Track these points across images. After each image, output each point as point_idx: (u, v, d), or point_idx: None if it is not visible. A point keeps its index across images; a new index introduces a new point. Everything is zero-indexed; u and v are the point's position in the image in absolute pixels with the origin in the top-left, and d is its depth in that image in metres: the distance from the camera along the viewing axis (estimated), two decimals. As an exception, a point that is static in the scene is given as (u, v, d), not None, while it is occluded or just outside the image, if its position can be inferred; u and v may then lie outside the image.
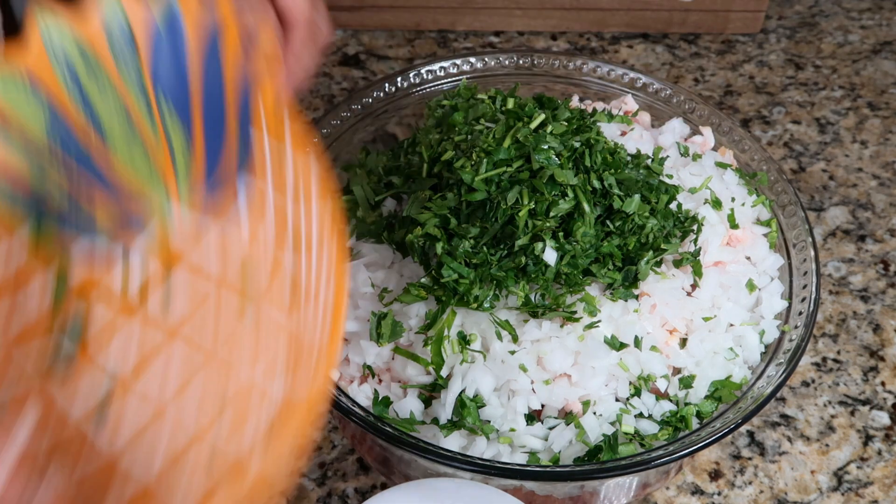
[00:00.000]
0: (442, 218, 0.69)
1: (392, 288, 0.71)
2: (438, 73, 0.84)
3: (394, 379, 0.69)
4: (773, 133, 1.05)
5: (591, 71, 0.86)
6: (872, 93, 1.10)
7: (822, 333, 0.89)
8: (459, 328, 0.68)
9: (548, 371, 0.67)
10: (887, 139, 1.06)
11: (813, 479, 0.79)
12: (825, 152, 1.04)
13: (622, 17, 1.14)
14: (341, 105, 0.82)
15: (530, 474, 0.63)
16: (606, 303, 0.69)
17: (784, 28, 1.18)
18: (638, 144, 0.79)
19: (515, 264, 0.68)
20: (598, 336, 0.68)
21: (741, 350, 0.72)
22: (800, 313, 0.72)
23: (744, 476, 0.79)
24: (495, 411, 0.66)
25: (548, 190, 0.68)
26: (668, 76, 1.11)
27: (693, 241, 0.74)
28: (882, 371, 0.86)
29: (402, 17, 1.14)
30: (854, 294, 0.92)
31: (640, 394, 0.69)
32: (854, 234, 0.96)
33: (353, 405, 0.65)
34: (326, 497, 0.76)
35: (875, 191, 1.00)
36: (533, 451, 0.67)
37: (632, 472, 0.64)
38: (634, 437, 0.67)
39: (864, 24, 1.19)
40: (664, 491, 0.77)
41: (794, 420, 0.82)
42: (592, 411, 0.67)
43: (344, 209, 0.77)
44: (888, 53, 1.16)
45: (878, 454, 0.81)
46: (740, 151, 0.82)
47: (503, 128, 0.72)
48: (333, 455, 0.78)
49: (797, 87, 1.11)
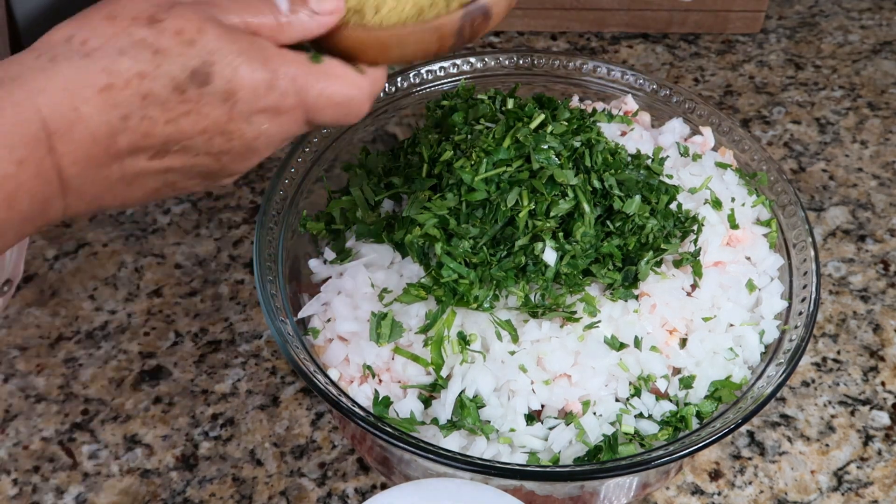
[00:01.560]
0: (441, 218, 0.69)
1: (392, 288, 0.71)
2: (438, 73, 0.84)
3: (394, 379, 0.69)
4: (773, 133, 1.05)
5: (591, 71, 0.86)
6: (872, 93, 1.10)
7: (822, 333, 0.89)
8: (459, 328, 0.68)
9: (548, 371, 0.67)
10: (887, 139, 1.06)
11: (813, 479, 0.79)
12: (825, 152, 1.04)
13: (622, 17, 1.14)
14: (341, 105, 0.82)
15: (530, 474, 0.63)
16: (606, 303, 0.69)
17: (784, 28, 1.18)
18: (638, 144, 0.79)
19: (515, 264, 0.68)
20: (598, 336, 0.68)
21: (741, 350, 0.72)
22: (800, 313, 0.72)
23: (744, 476, 0.79)
24: (495, 411, 0.66)
25: (548, 190, 0.68)
26: (668, 76, 1.11)
27: (693, 241, 0.74)
28: (882, 371, 0.86)
29: (402, 17, 1.14)
30: (854, 294, 0.92)
31: (640, 394, 0.69)
32: (854, 234, 0.96)
33: (353, 405, 0.65)
34: (326, 497, 0.76)
35: (875, 191, 1.00)
36: (533, 452, 0.67)
37: (632, 472, 0.64)
38: (634, 438, 0.67)
39: (864, 24, 1.19)
40: (664, 491, 0.77)
41: (794, 420, 0.82)
42: (592, 411, 0.67)
43: (344, 209, 0.77)
44: (888, 53, 1.16)
45: (878, 454, 0.81)
46: (740, 151, 0.82)
47: (503, 128, 0.72)
48: (333, 455, 0.78)
49: (797, 87, 1.11)
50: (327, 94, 0.54)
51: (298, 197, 0.77)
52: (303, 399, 0.82)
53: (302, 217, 0.76)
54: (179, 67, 0.49)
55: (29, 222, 0.50)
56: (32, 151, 0.48)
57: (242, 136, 0.53)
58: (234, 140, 0.53)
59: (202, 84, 0.50)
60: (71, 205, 0.51)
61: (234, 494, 0.76)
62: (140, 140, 0.50)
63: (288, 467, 0.77)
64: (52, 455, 0.78)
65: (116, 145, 0.50)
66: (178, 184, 0.54)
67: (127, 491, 0.76)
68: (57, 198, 0.50)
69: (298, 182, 0.77)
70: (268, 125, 0.53)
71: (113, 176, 0.51)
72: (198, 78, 0.50)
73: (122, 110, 0.49)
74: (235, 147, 0.53)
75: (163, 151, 0.51)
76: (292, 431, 0.80)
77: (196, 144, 0.52)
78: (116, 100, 0.49)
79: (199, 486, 0.76)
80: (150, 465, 0.77)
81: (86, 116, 0.48)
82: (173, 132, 0.51)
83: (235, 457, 0.78)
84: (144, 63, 0.49)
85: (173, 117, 0.50)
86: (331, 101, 0.54)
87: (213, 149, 0.52)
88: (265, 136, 0.54)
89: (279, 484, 0.76)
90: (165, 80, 0.49)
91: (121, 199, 0.53)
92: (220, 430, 0.79)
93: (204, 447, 0.78)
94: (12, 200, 0.48)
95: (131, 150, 0.50)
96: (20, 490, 0.75)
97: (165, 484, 0.76)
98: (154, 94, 0.49)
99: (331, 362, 0.70)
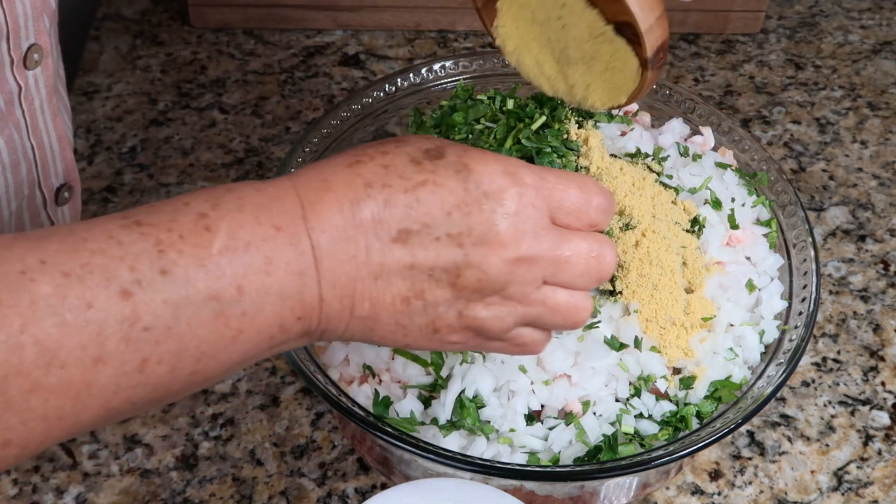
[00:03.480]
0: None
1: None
2: (439, 72, 0.84)
3: (394, 379, 0.69)
4: (773, 133, 1.05)
5: (591, 71, 0.86)
6: (872, 93, 1.10)
7: (822, 333, 0.89)
8: (459, 328, 0.68)
9: (547, 371, 0.67)
10: (887, 139, 1.06)
11: (813, 479, 0.79)
12: (825, 152, 1.04)
13: (622, 17, 1.14)
14: (341, 105, 0.82)
15: (530, 474, 0.63)
16: (606, 303, 0.69)
17: (784, 28, 1.18)
18: (638, 144, 0.79)
19: (515, 264, 0.68)
20: (598, 336, 0.68)
21: (741, 350, 0.72)
22: (800, 313, 0.72)
23: (744, 476, 0.79)
24: (495, 412, 0.66)
25: None
26: (668, 76, 1.11)
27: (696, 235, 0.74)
28: (882, 371, 0.86)
29: (402, 17, 1.14)
30: (854, 294, 0.92)
31: (640, 394, 0.69)
32: (854, 234, 0.96)
33: (353, 405, 0.65)
34: (326, 497, 0.76)
35: (875, 191, 1.00)
36: (533, 452, 0.67)
37: (632, 472, 0.64)
38: (634, 438, 0.67)
39: (864, 24, 1.19)
40: (664, 491, 0.77)
41: (794, 420, 0.82)
42: (592, 411, 0.67)
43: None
44: (888, 53, 1.16)
45: (878, 454, 0.81)
46: (740, 151, 0.82)
47: (504, 128, 0.72)
48: (333, 455, 0.78)
49: (797, 87, 1.11)
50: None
51: (298, 197, 0.77)
52: (303, 399, 0.82)
53: (302, 217, 0.76)
54: (416, 148, 0.54)
55: (287, 301, 0.51)
56: (289, 219, 0.51)
57: (481, 212, 0.53)
58: (472, 215, 0.53)
59: (436, 158, 0.54)
60: (326, 297, 0.52)
61: (234, 494, 0.76)
62: (382, 210, 0.52)
63: (288, 467, 0.77)
64: (51, 455, 0.78)
65: (361, 213, 0.52)
66: (427, 294, 0.54)
67: (127, 491, 0.76)
68: (311, 275, 0.51)
69: (298, 182, 0.77)
70: (510, 203, 0.54)
71: (360, 258, 0.52)
72: (431, 153, 0.54)
73: (365, 178, 0.53)
74: (475, 226, 0.53)
75: (404, 232, 0.53)
76: (292, 431, 0.80)
77: (435, 220, 0.53)
78: (361, 171, 0.53)
79: (199, 486, 0.76)
80: (150, 465, 0.77)
81: (333, 184, 0.52)
82: (412, 202, 0.52)
83: (235, 457, 0.78)
84: (388, 144, 0.55)
85: (411, 186, 0.53)
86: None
87: (452, 228, 0.53)
88: (509, 221, 0.54)
89: (279, 484, 0.76)
90: (404, 156, 0.54)
91: (370, 302, 0.53)
92: (220, 429, 0.80)
93: (204, 447, 0.78)
94: (269, 264, 0.50)
95: (375, 223, 0.52)
96: (20, 490, 0.76)
97: (165, 484, 0.76)
98: (393, 165, 0.53)
99: (331, 362, 0.70)
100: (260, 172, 0.98)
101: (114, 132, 1.02)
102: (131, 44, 1.11)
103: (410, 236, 0.53)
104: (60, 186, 0.75)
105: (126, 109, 1.04)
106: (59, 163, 0.74)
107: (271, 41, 1.12)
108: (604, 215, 0.58)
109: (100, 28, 1.13)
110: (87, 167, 0.98)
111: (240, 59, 1.10)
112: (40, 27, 0.66)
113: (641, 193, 0.71)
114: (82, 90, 1.05)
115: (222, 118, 1.04)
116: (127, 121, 1.03)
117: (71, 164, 0.76)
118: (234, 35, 1.13)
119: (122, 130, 1.02)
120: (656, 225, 0.70)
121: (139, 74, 1.08)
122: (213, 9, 1.12)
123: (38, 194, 0.73)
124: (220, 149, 1.01)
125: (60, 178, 0.75)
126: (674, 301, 0.70)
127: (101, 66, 1.08)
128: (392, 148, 0.54)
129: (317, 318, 0.53)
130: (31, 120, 0.69)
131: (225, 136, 1.02)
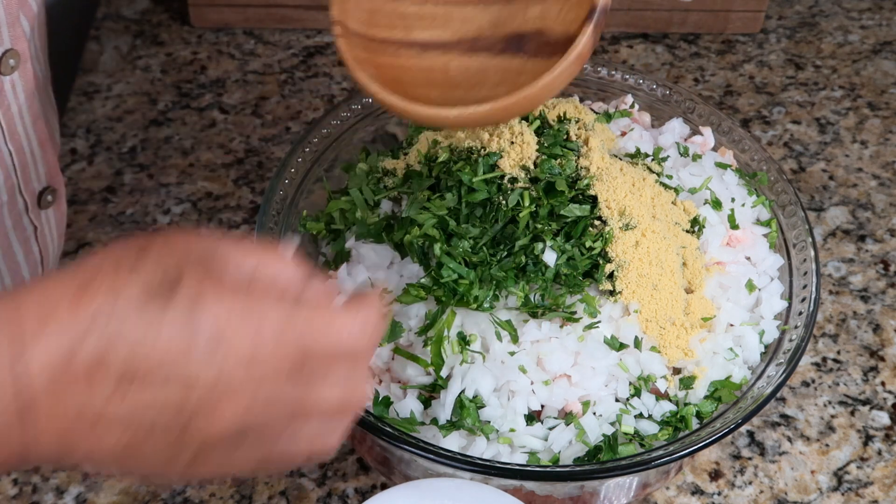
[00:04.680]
0: (440, 219, 0.69)
1: (392, 288, 0.71)
2: (438, 73, 0.84)
3: (394, 379, 0.69)
4: (773, 133, 1.05)
5: (591, 71, 0.86)
6: (872, 93, 1.10)
7: (822, 333, 0.89)
8: (459, 329, 0.68)
9: (547, 371, 0.67)
10: (887, 139, 1.06)
11: (813, 479, 0.79)
12: (825, 152, 1.04)
13: (622, 17, 1.14)
14: (341, 105, 0.82)
15: (530, 474, 0.63)
16: (606, 303, 0.69)
17: (784, 28, 1.18)
18: (638, 144, 0.79)
19: (515, 264, 0.68)
20: (598, 336, 0.68)
21: (741, 350, 0.72)
22: (800, 313, 0.72)
23: (744, 476, 0.79)
24: (495, 412, 0.66)
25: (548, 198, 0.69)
26: (668, 76, 1.11)
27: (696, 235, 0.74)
28: (882, 371, 0.86)
29: (402, 17, 1.14)
30: (854, 294, 0.92)
31: (640, 394, 0.69)
32: (854, 234, 0.96)
33: (352, 405, 0.65)
34: (326, 497, 0.76)
35: (875, 191, 1.00)
36: (533, 452, 0.67)
37: (632, 472, 0.64)
38: (634, 438, 0.67)
39: (864, 24, 1.19)
40: (664, 491, 0.77)
41: (794, 420, 0.82)
42: (592, 411, 0.67)
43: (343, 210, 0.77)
44: (888, 53, 1.16)
45: (878, 454, 0.81)
46: (740, 151, 0.82)
47: (503, 128, 0.72)
48: (333, 455, 0.78)
49: (797, 87, 1.11)
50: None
51: (298, 197, 0.77)
52: (303, 399, 0.82)
53: (302, 217, 0.76)
54: (151, 275, 0.46)
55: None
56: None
57: (212, 356, 0.46)
58: (203, 361, 0.46)
59: (170, 289, 0.46)
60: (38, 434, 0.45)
61: (234, 494, 0.76)
62: (105, 350, 0.45)
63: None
64: (52, 455, 0.78)
65: (82, 352, 0.45)
66: (152, 441, 0.47)
67: (127, 491, 0.76)
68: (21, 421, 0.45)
69: (298, 182, 0.77)
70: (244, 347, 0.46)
71: (77, 406, 0.45)
72: (165, 285, 0.46)
73: (91, 310, 0.45)
74: (202, 372, 0.46)
75: (128, 377, 0.45)
76: (292, 431, 0.80)
77: (163, 365, 0.45)
78: (88, 300, 0.45)
79: (199, 486, 0.76)
80: (150, 465, 0.77)
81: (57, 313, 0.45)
82: (139, 340, 0.45)
83: (235, 457, 0.78)
84: (122, 264, 0.47)
85: (142, 324, 0.45)
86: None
87: (180, 373, 0.46)
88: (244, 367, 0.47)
89: (279, 484, 0.76)
90: (137, 286, 0.46)
91: (88, 447, 0.46)
92: (220, 430, 0.79)
93: (204, 447, 0.78)
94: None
95: (97, 365, 0.45)
96: (20, 490, 0.76)
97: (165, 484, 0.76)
98: (126, 297, 0.45)
99: (331, 362, 0.70)
100: (260, 172, 0.98)
101: (114, 132, 1.02)
102: (131, 44, 1.11)
103: (135, 382, 0.45)
104: (43, 190, 0.75)
105: (126, 109, 1.04)
106: (41, 167, 0.73)
107: (271, 41, 1.12)
108: (362, 341, 0.49)
109: (100, 28, 1.13)
110: (87, 167, 0.98)
111: (240, 59, 1.10)
112: (17, 32, 0.64)
113: (641, 194, 0.72)
114: (82, 90, 1.05)
115: (222, 118, 1.04)
116: (127, 121, 1.03)
117: (54, 168, 0.75)
118: (234, 35, 1.13)
119: (122, 130, 1.02)
120: (656, 225, 0.70)
121: (139, 74, 1.08)
122: (213, 9, 1.12)
123: (18, 199, 0.72)
124: (220, 149, 1.01)
125: (43, 182, 0.74)
126: (674, 301, 0.70)
127: (101, 66, 1.08)
128: (125, 273, 0.46)
129: (21, 455, 0.46)
130: (7, 126, 0.68)
131: (225, 136, 1.02)
